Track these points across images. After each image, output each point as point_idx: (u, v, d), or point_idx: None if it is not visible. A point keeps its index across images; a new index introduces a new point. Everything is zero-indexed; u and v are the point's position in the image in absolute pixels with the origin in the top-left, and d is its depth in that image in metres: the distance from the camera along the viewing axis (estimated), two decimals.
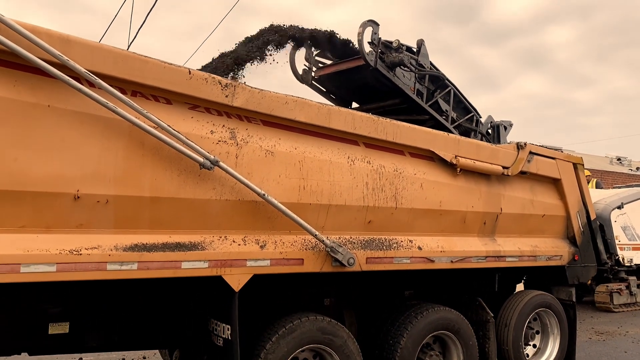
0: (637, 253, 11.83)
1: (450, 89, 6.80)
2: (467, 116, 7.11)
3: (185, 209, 3.39)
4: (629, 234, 11.70)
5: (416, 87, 6.41)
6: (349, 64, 6.06)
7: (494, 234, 5.21)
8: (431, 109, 6.55)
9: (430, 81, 6.69)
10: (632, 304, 11.93)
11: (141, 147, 3.22)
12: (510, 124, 7.55)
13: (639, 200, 12.22)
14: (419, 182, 4.58)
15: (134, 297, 3.84)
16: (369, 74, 5.94)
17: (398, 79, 6.11)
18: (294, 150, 3.87)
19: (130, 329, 4.07)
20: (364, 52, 5.72)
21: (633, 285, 11.89)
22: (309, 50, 6.27)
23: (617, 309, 11.57)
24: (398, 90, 6.19)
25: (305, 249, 3.88)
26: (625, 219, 11.69)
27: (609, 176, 24.52)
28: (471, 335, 4.98)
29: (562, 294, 6.01)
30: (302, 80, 6.37)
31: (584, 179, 6.03)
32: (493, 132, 7.40)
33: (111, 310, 3.90)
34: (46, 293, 3.43)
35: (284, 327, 3.85)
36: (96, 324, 3.90)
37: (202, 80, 3.45)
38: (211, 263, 3.44)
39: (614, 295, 11.57)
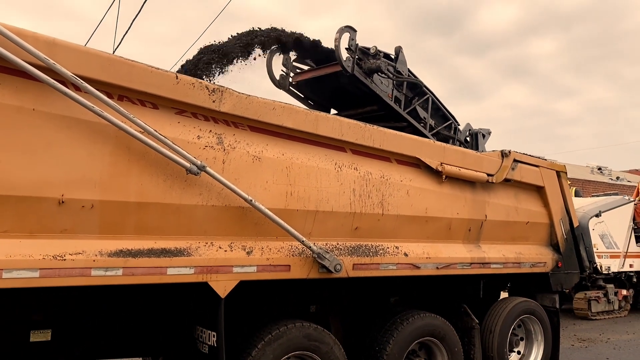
0: (614, 261, 11.98)
1: (429, 97, 6.78)
2: (445, 124, 7.11)
3: (172, 214, 3.37)
4: (606, 242, 11.85)
5: (394, 94, 6.39)
6: (326, 69, 6.03)
7: (479, 240, 5.25)
8: (409, 116, 6.53)
9: (409, 88, 6.67)
10: (610, 311, 12.06)
11: (127, 152, 3.19)
12: (488, 132, 7.57)
13: (616, 209, 12.40)
14: (405, 188, 4.60)
15: (119, 304, 3.80)
16: (346, 80, 5.91)
17: (376, 85, 6.09)
18: (282, 156, 3.87)
19: (114, 337, 4.01)
20: (340, 58, 5.69)
21: (611, 293, 12.04)
22: (287, 55, 6.24)
23: (595, 317, 11.69)
24: (376, 97, 6.17)
25: (292, 255, 3.86)
26: (603, 227, 11.84)
27: (590, 185, 24.87)
28: (457, 342, 5.00)
29: (546, 300, 6.07)
30: (279, 85, 6.32)
31: (567, 186, 6.12)
32: (471, 140, 7.40)
33: (95, 317, 3.85)
34: (28, 299, 3.36)
35: (270, 334, 3.82)
36: (79, 332, 3.84)
37: (189, 85, 3.43)
38: (197, 269, 3.41)
39: (592, 302, 11.69)
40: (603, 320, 11.79)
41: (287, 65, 6.25)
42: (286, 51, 6.13)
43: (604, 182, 27.07)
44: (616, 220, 12.19)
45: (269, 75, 6.22)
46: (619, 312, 12.27)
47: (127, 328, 4.03)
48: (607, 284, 12.04)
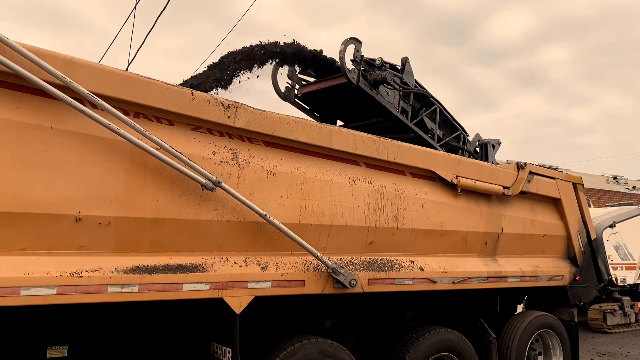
0: (630, 273, 11.75)
1: (436, 107, 6.72)
2: (454, 134, 7.04)
3: (187, 230, 3.37)
4: (621, 253, 11.63)
5: (400, 105, 6.34)
6: (331, 81, 5.99)
7: (495, 254, 5.19)
8: (416, 127, 6.47)
9: (415, 99, 6.61)
10: (625, 324, 11.81)
11: (143, 169, 3.20)
12: (498, 142, 7.47)
13: (631, 219, 12.17)
14: (420, 202, 4.57)
15: (134, 320, 3.79)
16: (352, 92, 5.87)
17: (382, 96, 6.04)
18: (296, 170, 3.87)
19: (129, 353, 4.01)
20: (345, 70, 5.66)
21: (627, 306, 11.78)
22: (292, 67, 6.24)
23: (610, 330, 11.46)
24: (382, 108, 6.12)
25: (306, 270, 3.85)
26: (618, 238, 11.63)
27: (606, 195, 24.57)
28: (474, 357, 4.93)
29: (564, 314, 5.98)
30: (284, 98, 6.30)
31: (584, 198, 6.04)
32: (481, 151, 7.31)
33: (111, 333, 3.85)
34: (45, 316, 3.38)
35: (285, 350, 3.80)
36: (95, 348, 3.84)
37: (205, 101, 3.45)
38: (212, 285, 3.41)
39: (608, 315, 11.46)
40: (622, 333, 11.57)
41: (292, 77, 6.24)
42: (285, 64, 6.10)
43: (620, 192, 26.74)
44: (631, 231, 11.96)
45: (274, 88, 6.21)
46: (635, 325, 12.02)
47: (143, 344, 4.02)
48: (622, 296, 11.80)
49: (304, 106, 6.42)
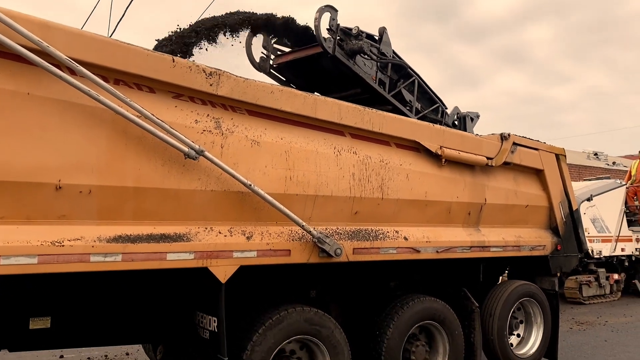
0: (606, 245, 11.96)
1: (415, 79, 6.59)
2: (432, 107, 6.90)
3: (170, 199, 3.34)
4: (598, 226, 11.81)
5: (378, 77, 6.17)
6: (307, 51, 5.80)
7: (479, 224, 5.24)
8: (394, 99, 6.32)
9: (393, 70, 6.45)
10: (601, 295, 12.07)
11: (124, 137, 3.15)
12: (477, 115, 7.39)
13: (608, 193, 12.35)
14: (404, 172, 4.57)
15: (118, 290, 3.77)
16: (328, 62, 5.70)
17: (358, 67, 5.88)
18: (280, 140, 3.84)
19: (113, 323, 4.00)
20: (321, 39, 5.47)
21: (602, 278, 12.03)
22: (267, 37, 6.05)
23: (586, 301, 11.70)
24: (359, 80, 5.96)
25: (292, 240, 3.85)
26: (595, 211, 11.79)
27: (587, 171, 24.89)
28: (457, 325, 5.00)
29: (546, 283, 6.08)
30: (259, 68, 6.12)
31: (566, 169, 6.10)
32: (459, 124, 7.19)
33: (94, 303, 3.83)
34: (27, 286, 3.34)
35: (270, 319, 3.81)
36: (79, 318, 3.82)
37: (186, 68, 3.39)
38: (197, 254, 3.39)
39: (583, 287, 11.70)
40: (599, 304, 11.85)
41: (267, 47, 6.06)
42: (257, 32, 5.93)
43: (601, 167, 27.11)
44: (608, 204, 12.14)
45: (249, 58, 6.03)
46: (610, 296, 12.28)
47: (127, 314, 4.01)
48: (598, 268, 12.04)
49: (280, 77, 6.23)
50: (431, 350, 4.96)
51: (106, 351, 7.04)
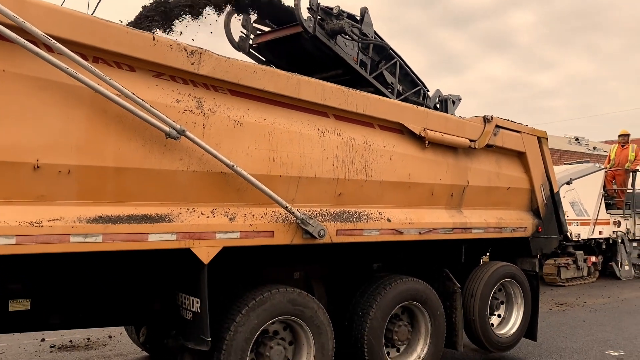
0: (584, 228, 12.14)
1: (396, 61, 6.54)
2: (414, 89, 6.88)
3: (151, 180, 3.30)
4: (577, 209, 11.96)
5: (359, 58, 6.12)
6: (287, 31, 5.71)
7: (461, 206, 5.28)
8: (376, 80, 6.27)
9: (375, 51, 6.39)
10: (578, 277, 12.29)
11: (104, 116, 3.10)
12: (458, 99, 7.38)
13: (587, 176, 12.50)
14: (388, 154, 4.58)
15: (99, 272, 3.75)
16: (309, 42, 5.63)
17: (339, 47, 5.82)
18: (263, 121, 3.80)
19: (95, 305, 3.98)
20: (301, 18, 5.39)
21: (580, 260, 12.23)
22: (247, 16, 5.91)
23: (564, 283, 11.91)
24: (340, 60, 5.90)
25: (275, 221, 3.84)
26: (574, 195, 11.93)
27: (568, 155, 25.21)
28: (439, 306, 5.06)
29: (526, 264, 6.16)
30: (238, 48, 5.99)
31: (548, 152, 6.15)
32: (441, 106, 7.21)
33: (75, 285, 3.80)
34: (5, 268, 3.29)
35: (254, 300, 3.82)
36: (59, 300, 3.79)
37: (167, 46, 3.33)
38: (179, 235, 3.37)
39: (562, 269, 11.89)
40: (578, 285, 12.07)
41: (246, 26, 5.92)
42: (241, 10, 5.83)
43: (582, 152, 27.50)
44: (587, 188, 12.28)
45: (228, 37, 5.91)
46: (587, 278, 12.50)
47: (109, 296, 3.99)
48: (576, 250, 12.24)
49: (260, 57, 6.13)
50: (413, 330, 5.02)
51: (88, 334, 7.01)
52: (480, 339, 5.58)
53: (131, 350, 6.28)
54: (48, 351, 6.26)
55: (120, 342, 6.73)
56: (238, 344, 3.69)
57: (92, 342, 6.73)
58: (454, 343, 5.28)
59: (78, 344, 6.60)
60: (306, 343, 4.14)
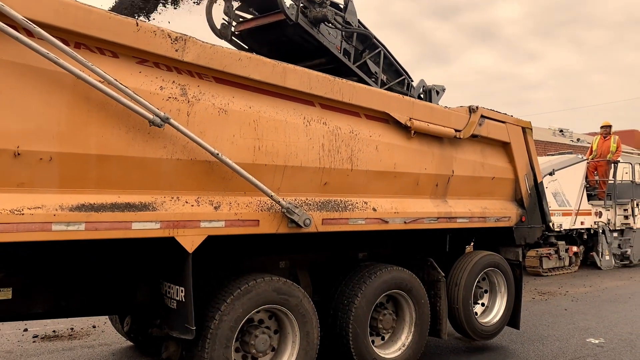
0: (566, 218, 12.27)
1: (380, 50, 6.50)
2: (398, 79, 6.86)
3: (135, 168, 3.26)
4: (559, 200, 12.08)
5: (343, 47, 6.09)
6: (269, 18, 5.64)
7: (446, 195, 5.30)
8: (359, 70, 6.24)
9: (359, 40, 6.34)
10: (560, 267, 12.46)
11: (86, 102, 3.05)
12: (442, 89, 7.38)
13: (569, 167, 12.61)
14: (374, 144, 4.58)
15: (82, 261, 3.71)
16: (292, 30, 5.58)
17: (322, 36, 5.78)
18: (249, 109, 3.78)
19: (78, 294, 3.95)
20: (283, 5, 5.34)
21: (562, 250, 12.39)
22: (229, 3, 5.85)
23: (546, 273, 12.06)
24: (323, 49, 5.86)
25: (260, 210, 3.82)
26: (556, 186, 12.04)
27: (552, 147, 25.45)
28: (423, 294, 5.10)
29: (510, 254, 6.22)
30: (220, 35, 5.93)
31: (532, 143, 6.20)
32: (425, 97, 7.22)
33: (58, 274, 3.76)
34: None
35: (239, 288, 3.81)
36: (41, 289, 3.76)
37: (151, 32, 3.28)
38: (163, 224, 3.34)
39: (544, 259, 12.03)
40: (560, 275, 12.24)
41: (229, 13, 5.84)
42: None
43: (566, 144, 27.77)
44: (569, 179, 12.39)
45: (209, 24, 5.82)
46: (569, 268, 12.67)
47: (92, 285, 3.96)
48: (558, 241, 12.39)
49: (242, 45, 6.06)
50: (398, 318, 5.05)
51: (72, 324, 6.96)
52: (464, 327, 5.64)
53: (115, 339, 6.25)
54: (31, 341, 6.21)
55: (105, 331, 6.69)
56: (223, 333, 3.69)
57: (76, 332, 6.68)
58: (438, 331, 5.33)
59: (61, 334, 6.55)
60: (291, 332, 4.15)
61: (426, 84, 7.22)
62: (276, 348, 4.18)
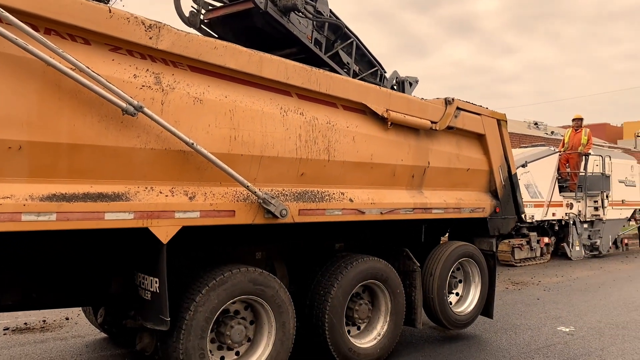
0: (538, 210, 12.47)
1: (353, 41, 6.44)
2: (371, 70, 6.82)
3: (108, 157, 3.21)
4: (531, 191, 12.27)
5: (314, 36, 6.01)
6: (239, 6, 5.53)
7: (422, 186, 5.35)
8: (331, 60, 6.19)
9: (330, 31, 6.28)
10: (532, 258, 12.69)
11: (57, 90, 2.98)
12: (416, 80, 7.37)
13: (542, 160, 12.79)
14: (351, 135, 4.58)
15: (53, 251, 3.64)
16: (261, 18, 5.50)
17: (293, 25, 5.70)
18: (224, 98, 3.74)
19: (50, 286, 3.88)
20: None
21: (533, 241, 12.60)
22: None
23: (518, 264, 12.28)
24: (294, 38, 5.79)
25: (236, 200, 3.80)
26: (529, 177, 12.21)
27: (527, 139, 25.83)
28: (398, 284, 5.15)
29: (484, 244, 6.31)
30: (189, 23, 5.77)
31: (507, 134, 6.27)
32: (398, 88, 7.20)
33: (29, 265, 3.69)
34: None
35: (214, 279, 3.79)
36: (11, 281, 3.68)
37: (124, 19, 3.21)
38: (137, 214, 3.30)
39: (515, 250, 12.23)
40: (534, 265, 12.48)
41: (197, 1, 5.74)
42: None
43: (540, 137, 28.20)
44: (541, 171, 12.55)
45: (177, 12, 5.69)
46: (540, 258, 12.91)
47: (64, 277, 3.89)
48: (530, 232, 12.61)
49: (212, 33, 5.95)
50: (374, 308, 5.10)
51: (44, 316, 6.85)
52: (439, 317, 5.71)
53: (89, 331, 6.17)
54: (1, 334, 6.09)
55: (78, 323, 6.60)
56: (198, 324, 3.67)
57: (49, 324, 6.58)
58: (413, 321, 5.39)
59: (33, 326, 6.44)
60: (267, 322, 4.15)
61: (399, 75, 7.21)
62: (252, 338, 4.19)
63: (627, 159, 15.55)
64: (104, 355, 5.36)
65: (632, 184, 14.98)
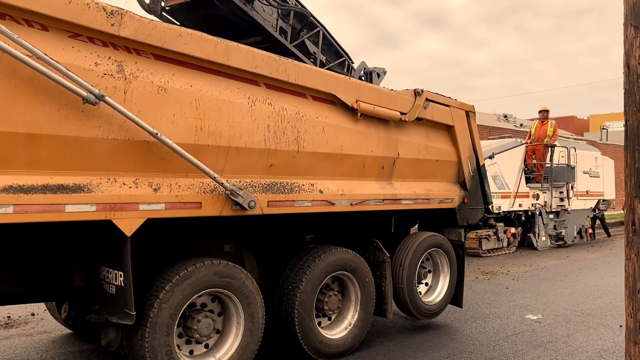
0: (505, 201, 12.66)
1: (319, 30, 6.36)
2: (338, 60, 6.75)
3: (68, 148, 3.11)
4: (498, 182, 12.45)
5: (279, 25, 5.91)
6: None
7: (391, 178, 5.36)
8: (297, 50, 6.11)
9: (296, 19, 6.17)
10: (499, 248, 12.92)
11: (13, 78, 2.87)
12: (384, 71, 7.32)
13: (509, 151, 12.97)
14: (320, 125, 4.55)
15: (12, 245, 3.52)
16: (223, 6, 5.38)
17: (257, 13, 5.58)
18: (190, 87, 3.66)
19: (9, 281, 3.75)
20: None
21: (500, 232, 12.81)
22: None
23: (485, 254, 12.48)
24: (258, 27, 5.67)
25: (203, 192, 3.74)
26: (496, 169, 12.38)
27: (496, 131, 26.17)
28: (367, 273, 5.16)
29: (453, 235, 6.37)
30: (149, 10, 5.61)
31: (475, 126, 6.33)
32: (366, 79, 7.14)
33: None
34: None
35: (177, 275, 3.71)
36: None
37: (84, 5, 3.11)
38: (99, 206, 3.21)
39: (483, 240, 12.42)
40: (503, 255, 12.69)
41: None
42: None
43: (509, 129, 28.61)
44: (508, 162, 12.71)
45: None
46: (507, 248, 13.12)
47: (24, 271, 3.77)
48: (497, 222, 12.81)
49: (173, 21, 5.76)
50: (344, 298, 5.10)
51: (9, 312, 6.66)
52: (408, 306, 5.75)
53: (55, 327, 6.03)
54: None
55: (44, 319, 6.44)
56: (163, 321, 3.60)
57: (13, 320, 6.40)
58: (383, 311, 5.42)
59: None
60: (235, 313, 4.11)
61: (367, 66, 7.18)
62: (221, 330, 4.14)
63: (592, 150, 15.90)
64: (70, 351, 5.24)
65: (596, 175, 15.35)
